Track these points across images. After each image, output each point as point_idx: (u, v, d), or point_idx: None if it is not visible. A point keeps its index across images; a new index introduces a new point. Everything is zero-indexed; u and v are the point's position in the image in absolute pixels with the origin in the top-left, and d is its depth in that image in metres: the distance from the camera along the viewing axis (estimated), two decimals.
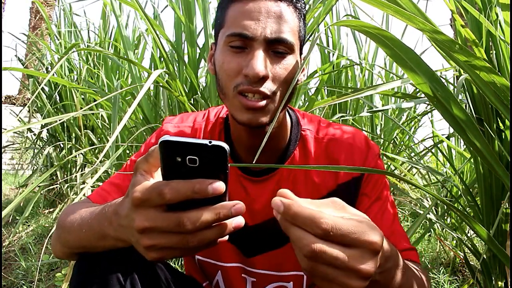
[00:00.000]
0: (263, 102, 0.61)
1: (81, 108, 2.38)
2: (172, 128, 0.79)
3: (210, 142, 0.39)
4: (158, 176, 0.45)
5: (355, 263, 0.37)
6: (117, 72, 2.54)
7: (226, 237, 0.45)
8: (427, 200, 1.87)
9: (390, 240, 0.66)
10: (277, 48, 0.62)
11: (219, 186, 0.40)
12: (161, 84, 1.42)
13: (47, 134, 2.94)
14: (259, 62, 0.59)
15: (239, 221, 0.43)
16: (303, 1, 0.68)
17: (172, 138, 0.39)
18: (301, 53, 0.69)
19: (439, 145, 1.97)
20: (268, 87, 0.61)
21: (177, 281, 0.67)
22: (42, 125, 2.73)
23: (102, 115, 2.36)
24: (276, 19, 0.62)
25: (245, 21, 0.61)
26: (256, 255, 0.76)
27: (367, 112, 1.46)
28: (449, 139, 1.80)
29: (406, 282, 0.51)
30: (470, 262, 1.35)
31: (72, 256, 0.60)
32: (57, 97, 2.73)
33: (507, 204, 0.90)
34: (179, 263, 1.64)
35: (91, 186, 2.14)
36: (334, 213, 0.39)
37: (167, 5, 1.82)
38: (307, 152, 0.74)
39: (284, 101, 0.61)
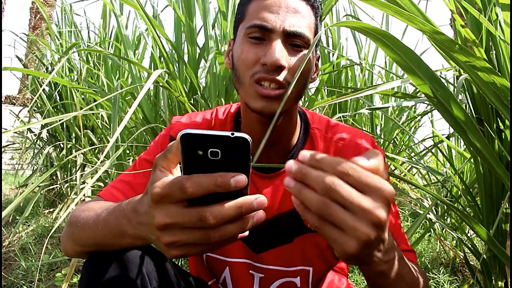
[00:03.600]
0: (278, 91, 0.63)
1: (81, 108, 2.38)
2: (183, 126, 0.79)
3: (232, 134, 0.38)
4: (177, 173, 0.45)
5: (368, 205, 0.37)
6: (117, 72, 2.53)
7: (247, 233, 0.44)
8: (427, 200, 1.87)
9: None
10: (294, 41, 0.65)
11: (242, 179, 0.39)
12: (161, 84, 1.41)
13: (47, 134, 2.94)
14: (278, 51, 0.62)
15: (261, 215, 0.42)
16: (319, 2, 0.70)
17: (193, 131, 0.38)
18: (315, 51, 0.72)
19: (439, 145, 1.97)
20: (284, 76, 0.63)
21: (185, 281, 0.67)
22: (42, 125, 2.72)
23: (102, 115, 2.36)
24: (294, 14, 0.65)
25: (265, 13, 0.64)
26: (265, 250, 0.76)
27: (367, 109, 1.46)
28: (449, 139, 1.80)
29: (406, 277, 0.51)
30: (470, 262, 1.35)
31: (84, 255, 0.59)
32: (57, 97, 2.73)
33: (507, 204, 0.90)
34: (180, 262, 1.64)
35: (91, 186, 2.14)
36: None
37: (167, 5, 1.82)
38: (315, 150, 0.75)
39: (290, 87, 0.61)
